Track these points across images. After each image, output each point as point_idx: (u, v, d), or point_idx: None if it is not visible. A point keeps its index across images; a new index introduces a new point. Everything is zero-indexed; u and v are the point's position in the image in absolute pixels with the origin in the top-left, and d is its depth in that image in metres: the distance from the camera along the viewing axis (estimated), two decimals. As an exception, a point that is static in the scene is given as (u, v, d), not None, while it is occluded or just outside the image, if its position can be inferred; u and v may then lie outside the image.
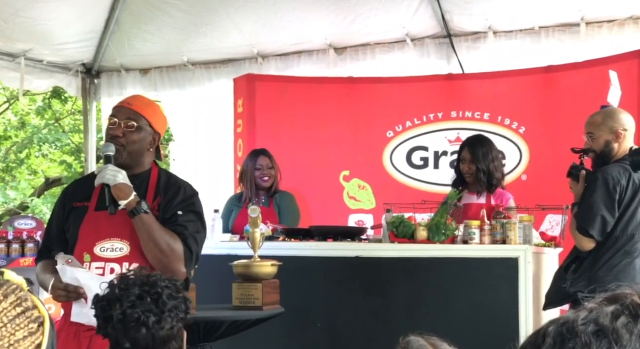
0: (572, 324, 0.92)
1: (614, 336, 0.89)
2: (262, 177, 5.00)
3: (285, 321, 3.95)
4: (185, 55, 6.55)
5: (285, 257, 3.93)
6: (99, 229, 2.93)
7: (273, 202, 4.98)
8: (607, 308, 0.92)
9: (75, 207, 3.01)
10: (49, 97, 12.38)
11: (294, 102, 6.10)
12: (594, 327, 0.90)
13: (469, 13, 5.75)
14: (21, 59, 6.25)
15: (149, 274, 2.20)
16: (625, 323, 0.90)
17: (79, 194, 3.05)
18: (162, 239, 2.88)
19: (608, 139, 3.85)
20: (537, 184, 5.37)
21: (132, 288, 2.13)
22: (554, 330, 0.93)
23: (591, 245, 3.77)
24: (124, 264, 2.89)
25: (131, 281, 2.16)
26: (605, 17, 5.48)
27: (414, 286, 4.11)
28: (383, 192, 5.74)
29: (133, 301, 2.11)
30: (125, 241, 2.92)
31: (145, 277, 2.18)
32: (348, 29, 6.04)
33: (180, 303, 2.17)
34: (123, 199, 2.87)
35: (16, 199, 13.00)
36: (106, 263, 2.90)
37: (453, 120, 5.82)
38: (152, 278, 2.18)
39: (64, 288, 2.81)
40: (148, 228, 2.87)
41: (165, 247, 2.88)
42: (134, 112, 2.99)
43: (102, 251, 2.90)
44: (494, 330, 3.90)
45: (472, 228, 4.02)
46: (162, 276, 2.20)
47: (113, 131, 2.96)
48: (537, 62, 5.68)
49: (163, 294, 2.13)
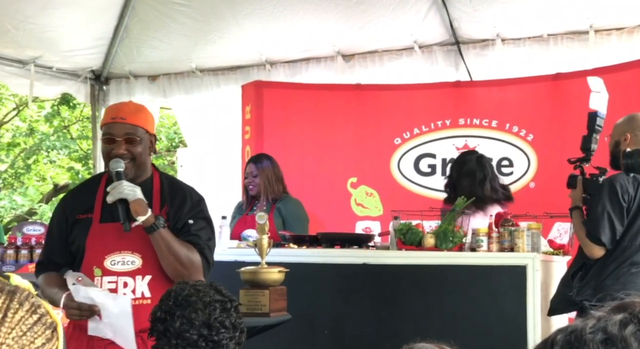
0: (581, 332, 0.91)
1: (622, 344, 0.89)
2: (248, 186, 5.02)
3: (292, 328, 3.94)
4: (193, 62, 6.57)
5: (292, 264, 3.92)
6: (108, 242, 2.90)
7: (274, 209, 4.95)
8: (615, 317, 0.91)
9: (79, 219, 2.96)
10: (58, 103, 12.42)
11: (302, 109, 6.10)
12: (602, 335, 0.90)
13: (477, 20, 5.75)
14: (31, 65, 6.28)
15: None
16: (633, 332, 0.89)
17: (81, 206, 2.99)
18: (182, 253, 2.87)
19: (618, 140, 3.93)
20: (546, 192, 5.35)
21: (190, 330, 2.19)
22: (562, 339, 0.93)
23: (601, 253, 3.76)
24: (137, 277, 2.88)
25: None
26: (614, 25, 5.48)
27: (422, 294, 4.10)
28: (391, 199, 5.74)
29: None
30: (137, 253, 2.89)
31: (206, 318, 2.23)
32: (356, 36, 6.05)
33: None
34: (142, 215, 2.83)
35: (24, 205, 13.04)
36: (119, 277, 2.87)
37: (461, 127, 5.81)
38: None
39: (78, 307, 2.77)
40: (167, 243, 2.85)
41: (186, 261, 2.87)
42: (130, 126, 2.94)
43: (113, 265, 2.87)
44: (502, 338, 3.89)
45: (480, 236, 4.01)
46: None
47: (116, 150, 2.90)
48: (545, 70, 5.67)
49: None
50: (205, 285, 2.29)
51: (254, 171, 4.99)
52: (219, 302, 2.23)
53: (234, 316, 2.25)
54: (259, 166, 4.99)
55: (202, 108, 6.82)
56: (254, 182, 4.97)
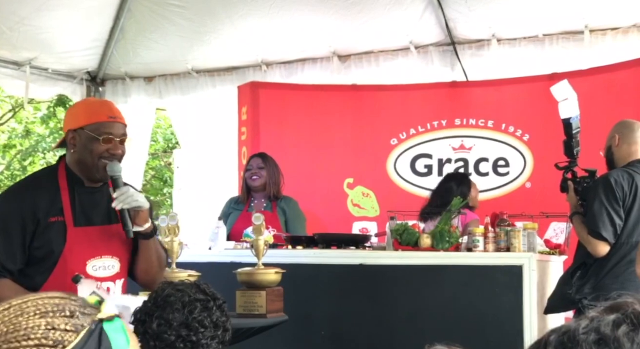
0: (574, 333, 0.92)
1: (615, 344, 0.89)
2: (251, 177, 4.97)
3: (289, 329, 3.94)
4: (189, 63, 6.56)
5: (289, 265, 3.92)
6: (87, 247, 2.77)
7: (276, 207, 4.95)
8: (608, 317, 0.92)
9: (51, 222, 2.74)
10: (54, 105, 12.40)
11: (298, 110, 6.10)
12: (595, 336, 0.90)
13: (473, 21, 5.75)
14: (26, 67, 6.27)
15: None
16: (626, 332, 0.90)
17: (50, 208, 2.76)
18: (163, 255, 2.88)
19: (610, 145, 4.00)
20: (541, 192, 5.36)
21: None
22: (555, 339, 0.93)
23: (606, 249, 3.76)
24: (117, 281, 2.84)
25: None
26: (609, 25, 5.48)
27: (418, 294, 4.10)
28: (387, 200, 5.74)
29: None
30: (115, 257, 2.83)
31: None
32: (352, 36, 6.05)
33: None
34: (146, 222, 2.79)
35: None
36: (102, 283, 2.77)
37: (457, 128, 5.82)
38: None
39: None
40: (156, 246, 2.85)
41: (164, 263, 2.88)
42: (124, 126, 2.87)
43: (95, 270, 2.78)
44: (498, 338, 3.89)
45: (476, 236, 4.01)
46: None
47: (114, 150, 2.78)
48: (541, 70, 5.68)
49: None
50: (187, 285, 2.25)
51: (261, 163, 4.99)
52: (200, 301, 2.18)
53: (216, 314, 2.20)
54: (265, 160, 5.01)
55: (198, 109, 6.82)
56: (260, 174, 4.95)
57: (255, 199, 5.00)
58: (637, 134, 3.95)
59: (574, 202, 3.99)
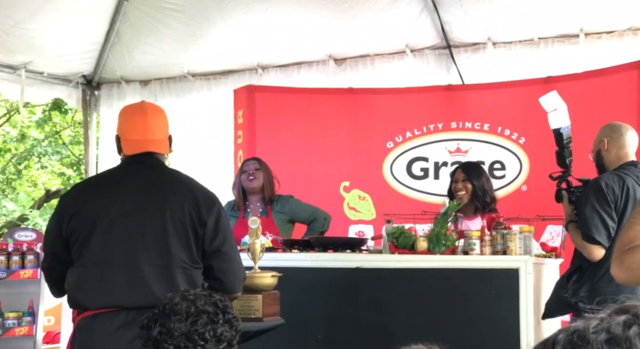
0: (584, 332, 0.92)
1: (626, 344, 0.89)
2: (248, 178, 4.99)
3: (285, 333, 3.94)
4: (185, 67, 6.56)
5: (285, 269, 3.92)
6: None
7: (272, 211, 4.96)
8: (618, 318, 0.92)
9: None
10: (49, 109, 12.38)
11: (294, 113, 6.10)
12: (606, 335, 0.90)
13: (469, 24, 5.76)
14: (22, 71, 6.27)
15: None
16: (638, 332, 0.90)
17: None
18: None
19: (599, 149, 3.98)
20: (538, 195, 5.36)
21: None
22: (564, 338, 0.93)
23: (601, 253, 3.75)
24: None
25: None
26: (604, 29, 5.50)
27: (415, 297, 4.10)
28: (383, 203, 5.74)
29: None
30: None
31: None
32: (348, 40, 6.05)
33: None
34: None
35: (15, 211, 12.99)
36: None
37: (453, 131, 5.82)
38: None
39: None
40: None
41: None
42: None
43: None
44: (494, 341, 3.89)
45: (472, 239, 4.01)
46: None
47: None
48: (536, 73, 5.69)
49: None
50: (200, 295, 2.19)
51: (257, 165, 5.02)
52: (207, 313, 2.14)
53: (222, 329, 2.15)
54: (261, 162, 5.04)
55: (194, 112, 6.81)
56: (256, 175, 4.97)
57: (251, 204, 5.00)
58: (626, 137, 3.94)
59: (569, 212, 3.99)
